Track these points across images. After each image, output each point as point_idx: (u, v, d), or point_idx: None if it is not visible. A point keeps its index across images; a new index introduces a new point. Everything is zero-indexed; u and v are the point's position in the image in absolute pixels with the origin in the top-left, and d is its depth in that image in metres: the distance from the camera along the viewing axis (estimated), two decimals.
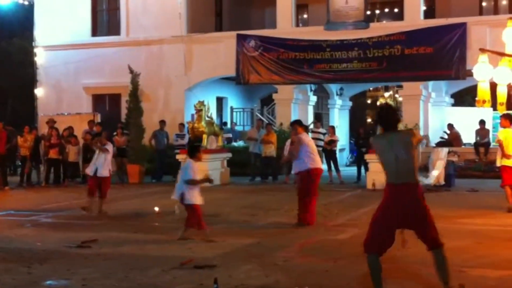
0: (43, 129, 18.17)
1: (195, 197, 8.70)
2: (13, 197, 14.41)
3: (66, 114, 19.79)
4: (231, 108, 22.98)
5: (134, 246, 8.42)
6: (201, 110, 16.27)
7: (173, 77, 20.13)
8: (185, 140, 17.16)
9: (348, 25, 18.89)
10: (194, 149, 9.30)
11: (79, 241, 8.50)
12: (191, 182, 8.68)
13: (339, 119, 22.66)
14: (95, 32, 21.36)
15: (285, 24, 19.65)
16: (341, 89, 22.33)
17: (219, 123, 20.31)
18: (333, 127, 17.72)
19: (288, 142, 10.83)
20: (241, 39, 19.46)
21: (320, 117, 21.74)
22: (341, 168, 17.05)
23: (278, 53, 19.01)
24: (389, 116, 5.55)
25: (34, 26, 21.80)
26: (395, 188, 5.41)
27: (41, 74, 21.45)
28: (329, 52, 18.58)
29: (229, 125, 21.62)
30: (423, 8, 19.09)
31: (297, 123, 10.28)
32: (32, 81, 22.03)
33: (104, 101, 21.08)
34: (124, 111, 18.98)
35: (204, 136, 16.15)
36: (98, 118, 19.17)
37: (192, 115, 17.67)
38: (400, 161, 5.38)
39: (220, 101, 22.46)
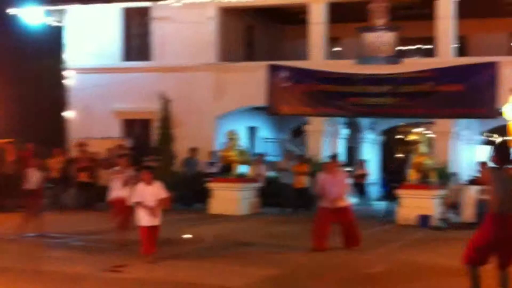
0: (74, 152, 18.69)
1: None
2: (43, 220, 14.83)
3: (96, 137, 20.30)
4: (262, 138, 23.36)
5: (165, 271, 8.74)
6: (232, 139, 16.75)
7: (203, 104, 20.66)
8: (216, 168, 17.58)
9: (380, 60, 19.39)
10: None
11: (110, 265, 8.84)
12: None
13: (370, 153, 23.01)
14: (126, 56, 22.00)
15: (317, 56, 20.22)
16: (373, 123, 22.71)
17: (250, 153, 20.68)
18: (363, 161, 18.09)
19: (322, 175, 11.23)
20: (272, 69, 19.95)
21: (350, 151, 22.07)
22: (371, 202, 17.38)
23: (310, 85, 19.44)
24: (507, 152, 6.78)
25: (64, 48, 22.46)
26: (502, 218, 6.57)
27: (72, 96, 22.10)
28: (360, 86, 19.00)
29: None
30: (454, 45, 19.50)
31: (333, 158, 10.74)
32: (61, 103, 22.62)
33: (134, 126, 21.61)
34: (154, 137, 19.46)
35: (235, 164, 16.58)
36: (128, 143, 19.66)
37: (223, 143, 18.09)
38: (509, 195, 6.57)
39: (251, 130, 22.92)
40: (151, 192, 9.63)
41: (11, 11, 22.11)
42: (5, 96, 25.10)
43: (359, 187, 16.95)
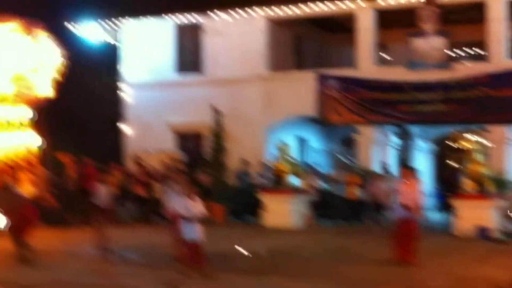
0: (130, 166, 19.19)
1: None
2: (107, 235, 15.31)
3: (151, 151, 20.78)
4: (312, 149, 23.47)
5: (222, 286, 8.92)
6: (283, 150, 16.93)
7: (254, 115, 20.95)
8: (268, 180, 17.79)
9: (430, 66, 19.20)
10: None
11: (169, 280, 9.09)
12: None
13: (422, 162, 22.75)
14: (179, 70, 22.45)
15: (366, 64, 20.21)
16: (424, 131, 22.47)
17: (300, 164, 20.81)
18: (415, 170, 17.92)
19: (397, 184, 11.31)
20: (321, 78, 19.97)
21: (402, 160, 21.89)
22: (426, 213, 17.23)
23: (359, 93, 19.37)
24: None
25: (121, 64, 23.07)
26: None
27: (128, 111, 22.70)
28: (411, 93, 18.80)
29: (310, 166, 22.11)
30: (508, 48, 19.18)
31: (406, 167, 10.73)
32: (117, 119, 23.26)
33: (187, 139, 22.04)
34: (206, 150, 19.82)
35: (286, 176, 16.75)
36: (182, 156, 20.07)
37: (274, 154, 18.28)
38: None
39: (301, 141, 23.06)
40: (196, 206, 9.88)
41: (69, 28, 22.88)
42: (62, 112, 25.91)
43: None
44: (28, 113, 8.27)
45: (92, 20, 22.86)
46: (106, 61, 25.68)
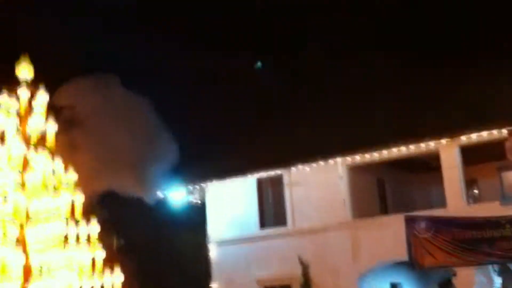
0: None
1: None
2: None
3: None
4: None
5: None
6: None
7: (342, 264, 20.25)
8: None
9: None
10: None
11: None
12: None
13: None
14: (262, 224, 22.36)
15: (456, 202, 19.43)
16: None
17: None
18: None
19: None
20: (410, 221, 19.30)
21: None
22: None
23: (452, 233, 18.51)
24: None
25: (206, 222, 23.29)
26: None
27: (215, 268, 22.53)
28: (509, 228, 17.77)
29: None
30: None
31: None
32: (205, 276, 23.08)
33: None
34: None
35: None
36: None
37: None
38: None
39: (394, 287, 21.88)
40: None
41: (158, 194, 23.66)
42: (149, 275, 26.07)
43: None
44: (121, 278, 8.25)
45: (180, 184, 23.58)
46: (192, 221, 26.16)
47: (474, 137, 19.35)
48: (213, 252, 22.84)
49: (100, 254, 8.30)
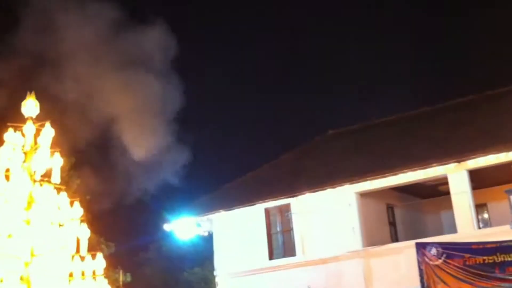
0: None
1: None
2: None
3: None
4: None
5: None
6: None
7: None
8: None
9: None
10: None
11: None
12: None
13: None
14: (271, 255, 22.12)
15: (466, 227, 19.24)
16: None
17: None
18: None
19: None
20: (420, 247, 19.16)
21: None
22: None
23: (463, 259, 18.34)
24: None
25: (214, 255, 23.09)
26: None
27: None
28: None
29: None
30: None
31: None
32: None
33: None
34: None
35: None
36: None
37: None
38: None
39: None
40: None
41: (166, 227, 23.55)
42: None
43: None
44: None
45: (187, 216, 23.46)
46: (201, 254, 26.04)
47: (481, 160, 19.22)
48: (221, 285, 22.58)
49: None
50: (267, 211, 22.53)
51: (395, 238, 21.91)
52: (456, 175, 19.69)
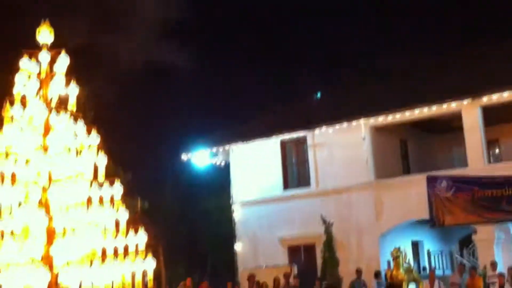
0: (244, 283, 18.56)
1: None
2: None
3: (263, 267, 20.17)
4: (428, 252, 21.94)
5: None
6: (398, 257, 15.72)
7: (365, 224, 20.01)
8: None
9: None
10: None
11: None
12: None
13: None
14: (286, 185, 22.10)
15: (477, 162, 18.97)
16: None
17: (417, 269, 19.38)
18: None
19: None
20: (431, 181, 18.94)
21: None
22: None
23: (472, 192, 18.13)
24: None
25: (230, 184, 23.10)
26: None
27: (239, 229, 22.44)
28: None
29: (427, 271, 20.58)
30: None
31: None
32: (230, 237, 23.04)
33: (299, 252, 21.29)
34: (319, 261, 18.93)
35: (404, 284, 15.42)
36: (295, 270, 19.26)
37: (388, 262, 17.13)
38: None
39: (415, 245, 21.66)
40: None
41: (183, 157, 23.51)
42: (178, 233, 26.24)
43: None
44: (145, 239, 8.00)
45: (204, 147, 23.37)
46: (217, 183, 26.07)
47: (495, 97, 18.76)
48: (237, 213, 22.70)
49: (124, 215, 8.08)
50: (283, 144, 22.38)
51: (407, 172, 21.71)
52: (470, 111, 19.30)
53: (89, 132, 8.40)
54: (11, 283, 6.97)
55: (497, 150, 22.43)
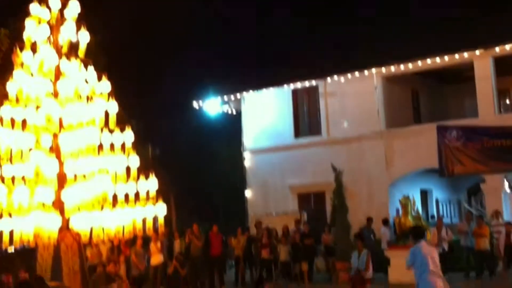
0: (254, 229, 18.68)
1: None
2: None
3: (274, 214, 20.27)
4: (437, 201, 21.91)
5: None
6: (406, 205, 15.71)
7: (375, 172, 19.94)
8: (393, 236, 16.57)
9: None
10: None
11: None
12: None
13: None
14: (297, 133, 21.99)
15: (487, 112, 18.70)
16: None
17: (425, 217, 19.40)
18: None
19: None
20: (441, 130, 18.65)
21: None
22: None
23: (482, 142, 17.85)
24: None
25: (242, 132, 23.01)
26: None
27: (250, 176, 22.47)
28: None
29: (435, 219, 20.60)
30: None
31: None
32: (241, 184, 23.11)
33: (309, 200, 21.34)
34: (328, 209, 18.98)
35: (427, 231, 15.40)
36: (305, 217, 19.34)
37: (397, 210, 17.13)
38: None
39: (424, 194, 21.61)
40: None
41: (194, 104, 23.37)
42: (189, 180, 26.27)
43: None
44: (155, 185, 7.93)
45: (216, 95, 23.19)
46: (228, 131, 25.97)
47: (507, 47, 18.34)
48: (248, 160, 22.67)
49: (135, 161, 8.02)
50: (294, 92, 22.16)
51: (418, 121, 21.50)
52: (482, 61, 18.95)
53: (100, 79, 8.27)
54: (22, 227, 6.98)
55: (507, 101, 22.10)
